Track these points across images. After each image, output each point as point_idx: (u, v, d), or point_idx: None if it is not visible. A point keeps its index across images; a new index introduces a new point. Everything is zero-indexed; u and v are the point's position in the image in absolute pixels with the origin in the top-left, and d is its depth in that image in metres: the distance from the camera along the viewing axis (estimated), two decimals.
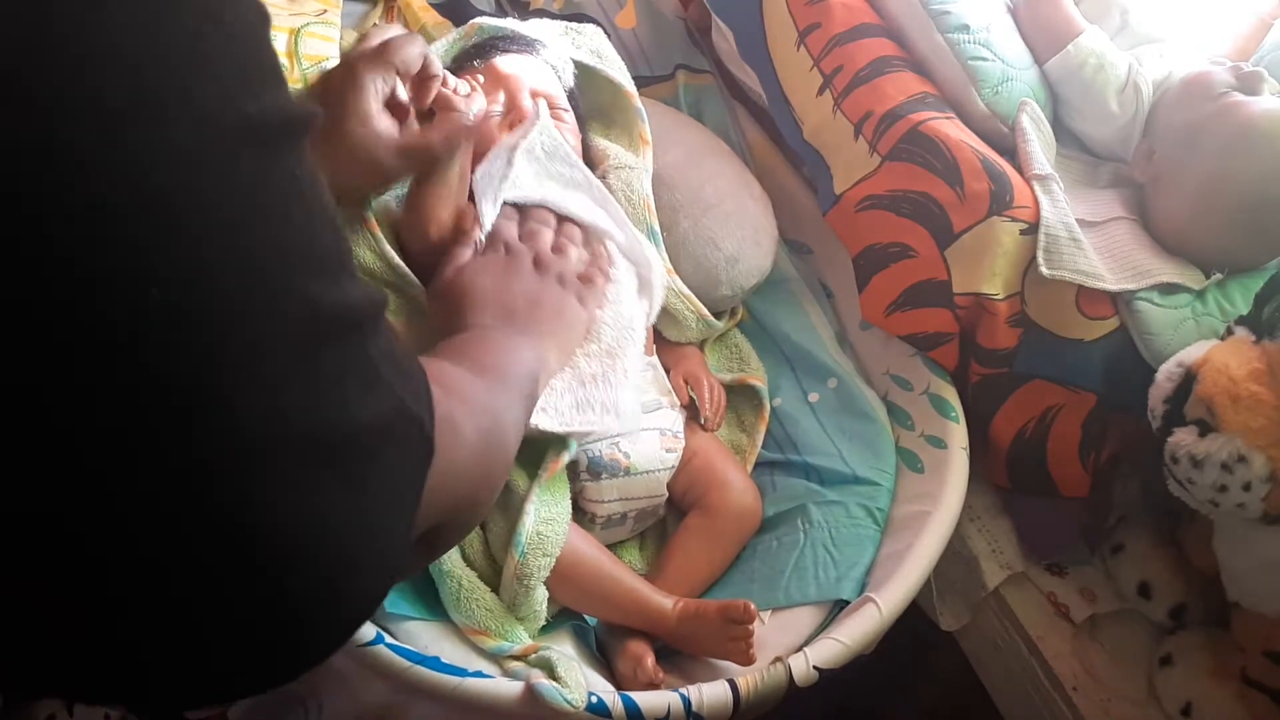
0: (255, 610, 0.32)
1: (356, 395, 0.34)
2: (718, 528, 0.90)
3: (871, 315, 0.99)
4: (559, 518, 0.81)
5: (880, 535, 0.88)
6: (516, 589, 0.78)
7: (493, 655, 0.76)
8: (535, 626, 0.80)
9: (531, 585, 0.78)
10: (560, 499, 0.83)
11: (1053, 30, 1.03)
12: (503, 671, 0.75)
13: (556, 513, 0.81)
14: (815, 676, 0.74)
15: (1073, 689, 0.90)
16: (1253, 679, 0.86)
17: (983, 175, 0.91)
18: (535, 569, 0.78)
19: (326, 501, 0.33)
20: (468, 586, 0.78)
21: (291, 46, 1.10)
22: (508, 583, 0.78)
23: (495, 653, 0.76)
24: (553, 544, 0.79)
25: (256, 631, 0.33)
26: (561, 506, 0.82)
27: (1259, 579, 0.85)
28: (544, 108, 0.90)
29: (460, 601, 0.78)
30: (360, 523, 0.35)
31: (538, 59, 0.98)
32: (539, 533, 0.79)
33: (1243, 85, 0.96)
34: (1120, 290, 0.90)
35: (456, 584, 0.78)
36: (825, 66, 1.01)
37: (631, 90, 1.03)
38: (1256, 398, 0.79)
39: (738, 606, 0.77)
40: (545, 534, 0.79)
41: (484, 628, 0.77)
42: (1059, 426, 0.93)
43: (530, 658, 0.75)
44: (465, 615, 0.77)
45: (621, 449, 0.87)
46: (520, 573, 0.78)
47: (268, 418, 0.31)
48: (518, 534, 0.78)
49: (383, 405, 0.36)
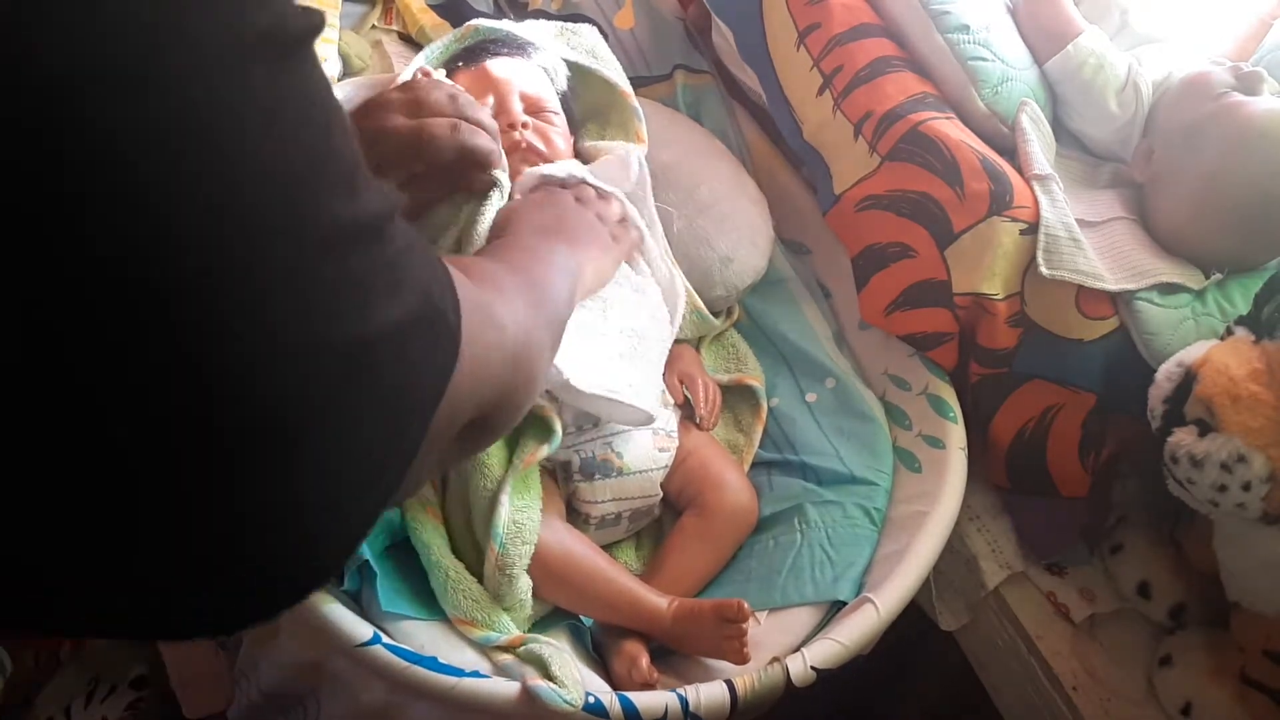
0: (256, 511, 0.32)
1: (381, 299, 0.35)
2: (714, 527, 0.89)
3: (871, 315, 0.99)
4: (531, 505, 0.82)
5: (878, 535, 0.88)
6: (500, 579, 0.79)
7: (480, 646, 0.76)
8: (522, 616, 0.81)
9: (514, 574, 0.79)
10: (532, 485, 0.83)
11: (1052, 30, 1.03)
12: (491, 663, 0.75)
13: (528, 500, 0.82)
14: (813, 677, 0.74)
15: (1072, 689, 0.90)
16: (1252, 679, 0.85)
17: (982, 175, 0.91)
18: (516, 557, 0.79)
19: (354, 403, 0.33)
20: (454, 577, 0.79)
21: None
22: (490, 574, 0.79)
23: (482, 643, 0.76)
24: (530, 531, 0.80)
25: (255, 534, 0.33)
26: (533, 494, 0.83)
27: (1258, 579, 0.85)
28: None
29: (448, 592, 0.79)
30: (383, 417, 0.35)
31: (530, 62, 0.98)
32: (515, 521, 0.80)
33: (1242, 85, 0.96)
34: (1120, 290, 0.90)
35: (444, 574, 0.79)
36: (825, 66, 1.01)
37: (627, 89, 1.03)
38: (1256, 398, 0.78)
39: (731, 605, 0.77)
40: (521, 522, 0.80)
41: (470, 618, 0.78)
42: (1059, 426, 0.93)
43: (519, 650, 0.75)
44: (453, 606, 0.78)
45: (614, 449, 0.87)
46: (501, 563, 0.78)
47: (295, 328, 0.31)
48: (494, 525, 0.79)
49: (407, 303, 0.36)
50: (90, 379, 0.28)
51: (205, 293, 0.29)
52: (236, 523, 0.32)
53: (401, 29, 1.27)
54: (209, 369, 0.29)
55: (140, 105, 0.27)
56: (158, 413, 0.29)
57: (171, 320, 0.28)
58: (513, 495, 0.81)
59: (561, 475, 0.88)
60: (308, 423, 0.32)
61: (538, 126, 0.94)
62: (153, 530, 0.31)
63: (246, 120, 0.30)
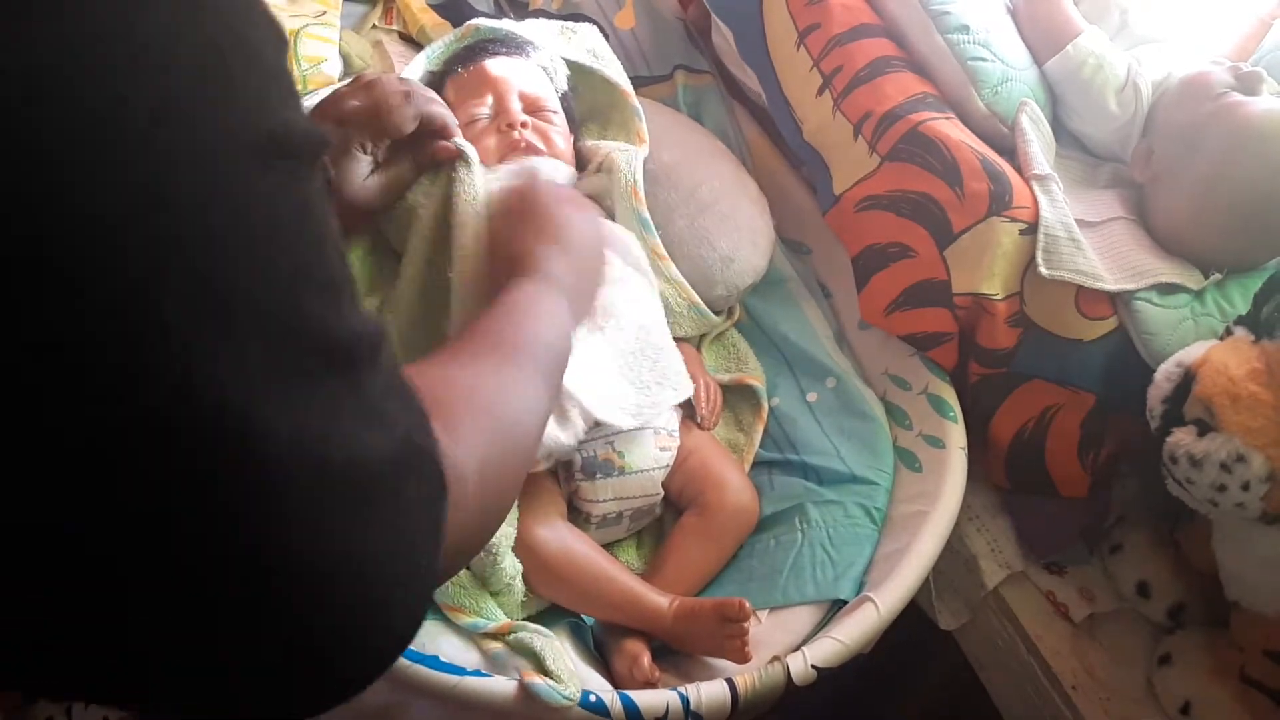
0: (280, 648, 0.32)
1: (366, 427, 0.34)
2: (715, 527, 0.90)
3: (871, 315, 0.99)
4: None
5: (878, 535, 0.88)
6: (484, 559, 0.79)
7: (468, 632, 0.77)
8: (512, 604, 0.81)
9: (498, 554, 0.79)
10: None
11: (1052, 31, 1.03)
12: (481, 652, 0.75)
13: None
14: (813, 675, 0.74)
15: (1071, 688, 0.90)
16: (1251, 678, 0.86)
17: (982, 175, 0.91)
18: (499, 538, 0.79)
19: (346, 533, 0.33)
20: None
21: (291, 47, 1.10)
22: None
23: (470, 629, 0.77)
24: (512, 514, 0.81)
25: (283, 668, 0.32)
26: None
27: (1258, 578, 0.85)
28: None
29: None
30: (387, 556, 0.34)
31: (529, 61, 0.98)
32: None
33: (1242, 85, 0.96)
34: (1119, 290, 0.91)
35: None
36: (825, 67, 1.01)
37: (627, 88, 1.03)
38: (1255, 397, 0.79)
39: (733, 605, 0.77)
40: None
41: (458, 604, 0.78)
42: (1058, 426, 0.93)
43: (509, 638, 0.76)
44: (440, 592, 0.79)
45: (616, 448, 0.88)
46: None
47: (282, 440, 0.30)
48: None
49: (392, 438, 0.35)
50: (111, 527, 0.28)
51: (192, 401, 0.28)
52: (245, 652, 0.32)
53: (402, 29, 1.27)
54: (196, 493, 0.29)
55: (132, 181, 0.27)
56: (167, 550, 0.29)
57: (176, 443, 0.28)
58: None
59: (563, 474, 0.88)
60: (323, 549, 0.32)
61: (537, 125, 0.94)
62: (225, 640, 0.31)
63: (241, 212, 0.30)
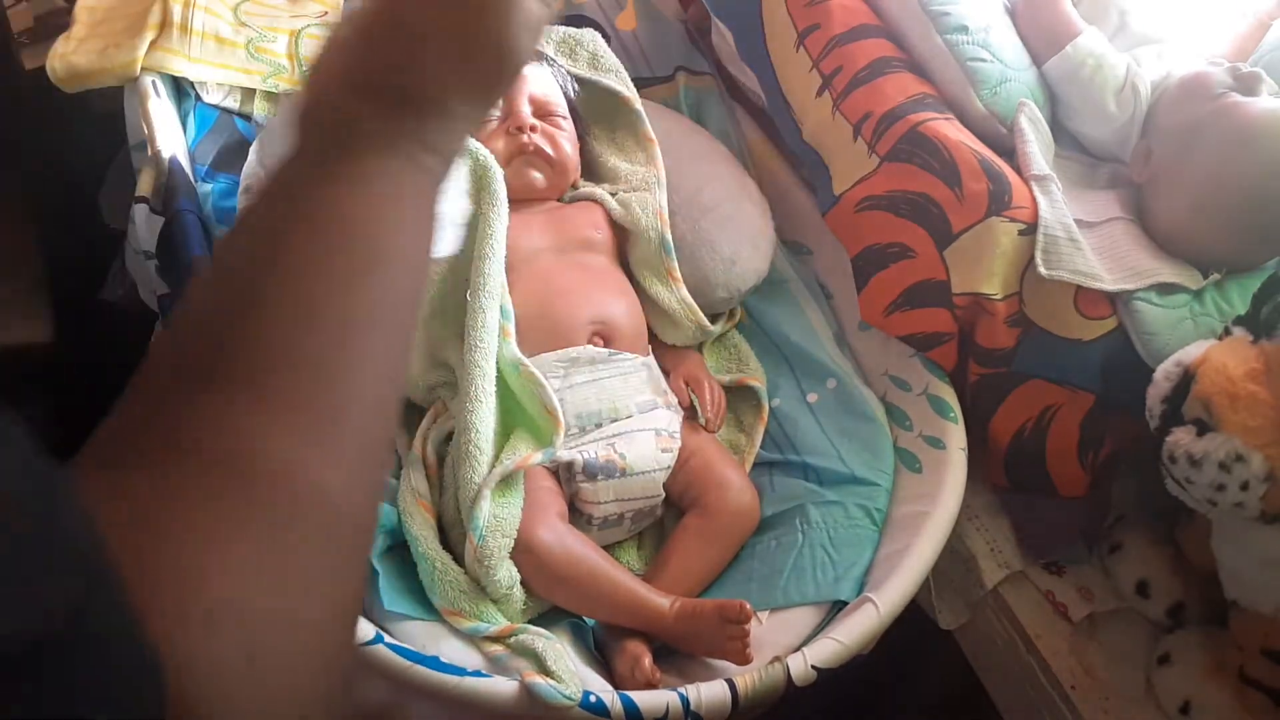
0: None
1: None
2: (716, 528, 0.90)
3: (870, 316, 0.99)
4: (513, 500, 0.83)
5: (878, 535, 0.88)
6: (479, 570, 0.80)
7: (469, 636, 0.77)
8: (513, 610, 0.81)
9: (492, 565, 0.79)
10: (517, 480, 0.84)
11: (1051, 31, 1.03)
12: (482, 654, 0.76)
13: (511, 495, 0.83)
14: (813, 676, 0.74)
15: (1071, 688, 0.90)
16: (1251, 677, 0.86)
17: (981, 176, 0.91)
18: (494, 549, 0.79)
19: None
20: (441, 568, 0.80)
21: (292, 48, 1.10)
22: (470, 564, 0.80)
23: (471, 633, 0.77)
24: (510, 525, 0.81)
25: None
26: (516, 490, 0.83)
27: (1257, 577, 0.85)
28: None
29: (435, 583, 0.80)
30: None
31: (539, 65, 0.98)
32: (496, 515, 0.81)
33: (1241, 85, 0.96)
34: (1118, 290, 0.91)
35: (431, 566, 0.80)
36: (824, 67, 1.01)
37: (629, 95, 1.03)
38: (1254, 397, 0.79)
39: (734, 606, 0.77)
40: (502, 516, 0.81)
41: (458, 609, 0.79)
42: (1057, 426, 0.93)
43: (509, 640, 0.76)
44: (441, 597, 0.79)
45: (617, 450, 0.88)
46: (480, 555, 0.79)
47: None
48: (475, 519, 0.80)
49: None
50: None
51: None
52: None
53: None
54: None
55: None
56: None
57: None
58: (495, 491, 0.82)
59: (564, 475, 0.88)
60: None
61: (545, 130, 0.94)
62: None
63: None
